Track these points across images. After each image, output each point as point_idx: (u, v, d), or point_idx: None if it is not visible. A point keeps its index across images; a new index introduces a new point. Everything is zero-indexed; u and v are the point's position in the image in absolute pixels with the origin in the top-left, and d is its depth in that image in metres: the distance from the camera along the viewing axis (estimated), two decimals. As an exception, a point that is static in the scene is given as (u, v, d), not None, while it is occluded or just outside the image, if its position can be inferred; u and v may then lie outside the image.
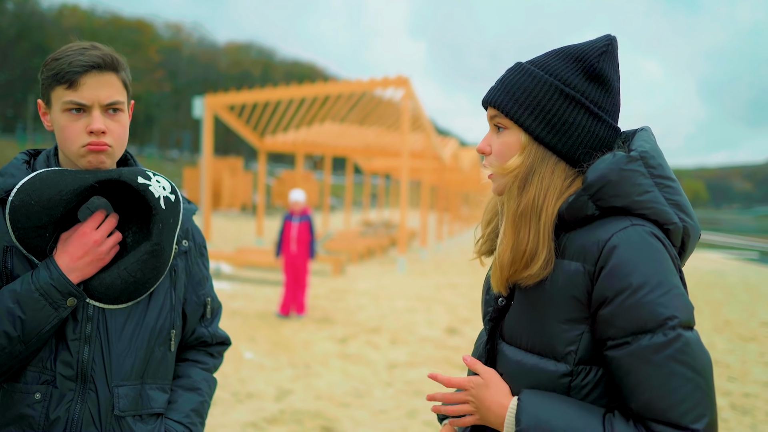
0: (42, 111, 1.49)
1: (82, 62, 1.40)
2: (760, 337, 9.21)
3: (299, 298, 8.92)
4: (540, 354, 1.19)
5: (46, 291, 1.37)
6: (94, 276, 1.44)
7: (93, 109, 1.42)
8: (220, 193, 39.42)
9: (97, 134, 1.43)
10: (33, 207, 1.37)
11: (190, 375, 1.69)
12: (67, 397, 1.42)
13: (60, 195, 1.38)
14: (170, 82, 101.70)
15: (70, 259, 1.41)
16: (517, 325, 1.24)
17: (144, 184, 1.46)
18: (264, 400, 5.15)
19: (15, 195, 1.38)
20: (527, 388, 1.19)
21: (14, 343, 1.35)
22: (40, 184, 1.39)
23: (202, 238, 1.72)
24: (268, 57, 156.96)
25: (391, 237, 22.79)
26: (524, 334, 1.22)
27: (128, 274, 1.45)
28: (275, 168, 79.54)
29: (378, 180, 41.48)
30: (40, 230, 1.39)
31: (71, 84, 1.40)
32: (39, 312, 1.36)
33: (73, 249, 1.42)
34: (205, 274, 1.72)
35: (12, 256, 1.41)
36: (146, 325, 1.52)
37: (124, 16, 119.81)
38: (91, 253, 1.43)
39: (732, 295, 13.86)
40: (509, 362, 1.24)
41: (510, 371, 1.24)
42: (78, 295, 1.41)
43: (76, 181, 1.40)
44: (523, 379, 1.21)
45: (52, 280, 1.38)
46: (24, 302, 1.35)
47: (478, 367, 1.26)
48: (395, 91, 15.87)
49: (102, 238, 1.44)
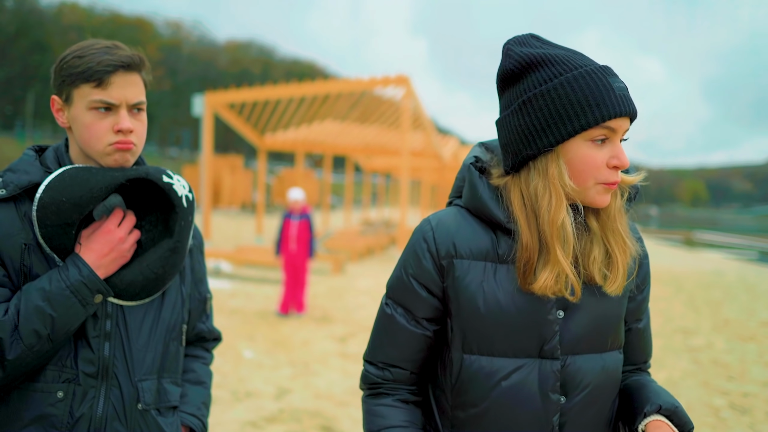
0: (57, 107, 1.49)
1: (112, 61, 1.41)
2: (760, 336, 9.21)
3: (299, 297, 8.92)
4: (612, 349, 1.29)
5: (76, 288, 1.37)
6: (115, 273, 1.46)
7: (120, 108, 1.44)
8: (219, 191, 39.40)
9: (125, 133, 1.44)
10: (64, 204, 1.37)
11: (195, 369, 1.75)
12: (90, 394, 1.43)
13: (91, 192, 1.39)
14: (170, 80, 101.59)
15: (97, 257, 1.42)
16: (585, 332, 1.25)
17: (168, 183, 1.52)
18: (263, 399, 5.15)
19: (44, 192, 1.38)
20: (609, 386, 1.28)
21: (43, 342, 1.35)
22: (71, 182, 1.39)
23: (201, 235, 1.77)
24: (268, 55, 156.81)
25: (391, 236, 22.78)
26: (596, 337, 1.26)
27: (150, 270, 1.48)
28: (275, 166, 79.48)
29: (378, 179, 41.48)
30: (68, 228, 1.40)
31: (100, 83, 1.40)
32: (69, 309, 1.37)
33: (98, 246, 1.43)
34: (204, 271, 1.78)
35: (30, 253, 1.41)
36: (162, 320, 1.55)
37: (123, 14, 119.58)
38: (116, 250, 1.45)
39: (731, 294, 13.86)
40: (589, 370, 1.25)
41: (593, 377, 1.25)
42: (105, 292, 1.43)
43: (106, 179, 1.41)
44: (606, 379, 1.27)
45: (83, 277, 1.38)
46: (55, 300, 1.35)
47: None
48: (395, 90, 15.87)
49: (125, 236, 1.47)
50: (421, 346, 1.31)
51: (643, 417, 1.21)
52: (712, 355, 7.83)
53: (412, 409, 1.34)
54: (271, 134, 20.42)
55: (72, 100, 1.44)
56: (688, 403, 5.72)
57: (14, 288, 1.41)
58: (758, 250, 31.38)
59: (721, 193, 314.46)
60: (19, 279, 1.41)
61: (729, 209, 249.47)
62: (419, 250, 1.29)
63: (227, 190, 41.14)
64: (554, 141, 1.16)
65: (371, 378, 1.35)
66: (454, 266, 1.24)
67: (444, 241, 1.26)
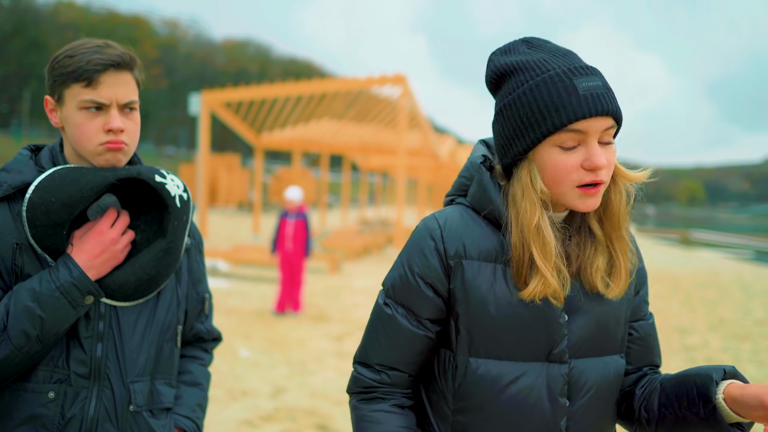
0: (50, 108, 1.48)
1: (102, 60, 1.40)
2: (755, 335, 9.23)
3: (295, 296, 8.93)
4: (612, 353, 1.29)
5: (66, 290, 1.36)
6: (107, 274, 1.45)
7: (111, 107, 1.43)
8: (216, 190, 39.20)
9: (116, 133, 1.43)
10: (53, 204, 1.36)
11: (191, 371, 1.72)
12: (82, 394, 1.43)
13: (81, 192, 1.38)
14: (167, 78, 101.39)
15: (88, 258, 1.41)
16: (588, 335, 1.24)
17: (161, 182, 1.49)
18: (259, 398, 5.15)
19: (33, 192, 1.37)
20: (610, 389, 1.28)
21: (32, 342, 1.35)
22: (60, 182, 1.38)
23: (200, 235, 1.75)
24: (265, 54, 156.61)
25: (388, 235, 22.78)
26: (597, 340, 1.25)
27: (143, 271, 1.46)
28: (272, 165, 79.33)
29: (375, 178, 41.47)
30: (58, 228, 1.38)
31: (90, 82, 1.39)
32: (59, 311, 1.36)
33: (90, 247, 1.41)
34: (203, 270, 1.75)
35: (22, 253, 1.40)
36: (156, 321, 1.54)
37: (120, 12, 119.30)
38: (108, 251, 1.43)
39: (727, 293, 13.89)
40: (592, 374, 1.25)
41: (595, 381, 1.25)
42: (96, 294, 1.41)
43: (96, 179, 1.40)
44: (608, 383, 1.27)
45: (73, 278, 1.37)
46: (44, 301, 1.35)
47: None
48: (392, 89, 15.86)
49: (118, 236, 1.45)
50: (422, 347, 1.27)
51: (715, 385, 1.14)
52: (708, 354, 7.85)
53: (408, 414, 1.29)
54: (267, 133, 20.41)
55: (63, 100, 1.43)
56: (683, 402, 5.73)
57: (6, 288, 1.40)
58: (754, 250, 31.46)
59: (718, 192, 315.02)
60: (11, 279, 1.40)
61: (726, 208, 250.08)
62: (426, 248, 1.24)
63: (224, 189, 40.95)
64: (523, 149, 1.16)
65: (365, 381, 1.29)
66: (463, 267, 1.21)
67: (453, 240, 1.23)
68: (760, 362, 7.56)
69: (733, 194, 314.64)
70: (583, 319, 1.23)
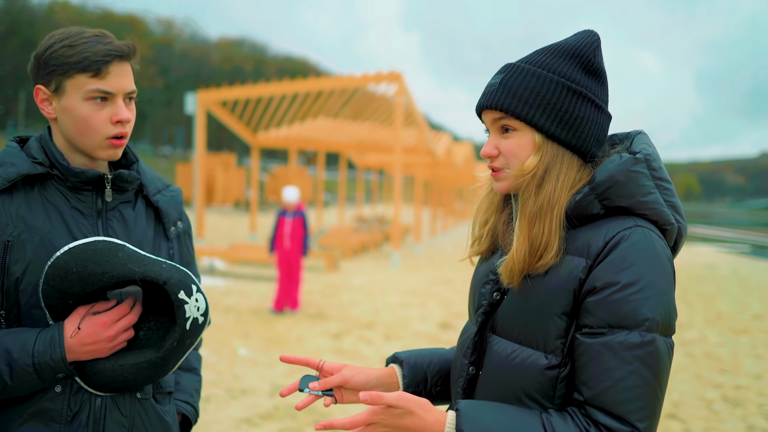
0: (42, 98, 1.44)
1: (110, 51, 1.39)
2: (752, 329, 9.27)
3: (293, 294, 8.92)
4: (531, 346, 1.20)
5: (41, 369, 1.34)
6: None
7: (117, 97, 1.42)
8: (213, 189, 39.26)
9: (123, 124, 1.43)
10: (70, 275, 1.33)
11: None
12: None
13: (102, 278, 1.34)
14: (162, 78, 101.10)
15: (77, 343, 1.36)
16: (510, 318, 1.24)
17: (182, 300, 1.39)
18: (258, 396, 5.15)
19: (64, 253, 1.34)
20: (514, 380, 1.20)
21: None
22: (92, 255, 1.34)
23: (188, 219, 1.76)
24: (261, 52, 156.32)
25: (385, 232, 22.78)
26: (517, 326, 1.23)
27: (121, 373, 1.41)
28: (268, 164, 79.34)
29: (371, 175, 41.44)
30: (66, 296, 1.36)
31: (98, 72, 1.38)
32: (26, 383, 1.35)
33: (84, 335, 1.37)
34: (192, 254, 1.77)
35: (11, 252, 1.37)
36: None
37: (115, 12, 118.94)
38: (98, 345, 1.39)
39: (724, 288, 13.93)
40: (498, 354, 1.25)
41: (498, 363, 1.24)
42: (70, 374, 1.38)
43: (124, 270, 1.35)
44: (510, 372, 1.22)
45: (53, 361, 1.34)
46: (15, 371, 1.33)
47: (387, 398, 1.11)
48: (388, 87, 15.85)
49: (116, 335, 1.41)
50: None
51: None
52: (705, 348, 7.88)
53: None
54: (264, 132, 20.38)
55: (63, 90, 1.40)
56: (682, 396, 5.75)
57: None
58: (751, 244, 31.56)
59: (714, 186, 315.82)
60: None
61: (722, 203, 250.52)
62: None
63: (220, 188, 41.00)
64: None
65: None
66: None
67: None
68: (758, 356, 7.59)
69: (729, 189, 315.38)
70: (509, 300, 1.25)
